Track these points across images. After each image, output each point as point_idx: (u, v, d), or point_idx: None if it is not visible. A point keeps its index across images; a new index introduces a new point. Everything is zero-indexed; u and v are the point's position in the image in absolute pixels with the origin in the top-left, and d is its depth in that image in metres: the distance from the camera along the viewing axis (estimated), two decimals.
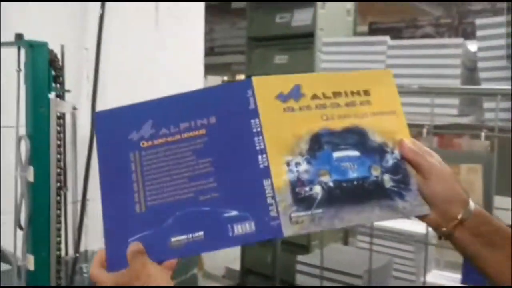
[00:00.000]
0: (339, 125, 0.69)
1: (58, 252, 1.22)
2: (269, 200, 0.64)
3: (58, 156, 1.16)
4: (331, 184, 0.66)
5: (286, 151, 0.67)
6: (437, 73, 1.73)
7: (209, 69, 2.68)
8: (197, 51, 1.98)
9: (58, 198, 1.18)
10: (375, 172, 0.68)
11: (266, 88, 0.69)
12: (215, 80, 4.68)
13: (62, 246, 1.27)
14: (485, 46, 1.65)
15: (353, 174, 0.67)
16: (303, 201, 0.65)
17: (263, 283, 2.78)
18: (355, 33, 2.73)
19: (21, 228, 1.18)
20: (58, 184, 1.17)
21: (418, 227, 1.78)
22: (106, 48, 1.61)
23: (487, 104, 1.61)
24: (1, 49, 1.27)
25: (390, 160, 0.69)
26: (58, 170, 1.16)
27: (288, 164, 0.66)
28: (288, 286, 1.97)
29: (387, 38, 1.87)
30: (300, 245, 2.46)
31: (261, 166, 0.66)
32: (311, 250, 2.43)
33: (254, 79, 0.69)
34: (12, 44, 1.14)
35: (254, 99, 0.68)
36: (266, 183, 0.65)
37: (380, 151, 0.70)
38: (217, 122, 0.68)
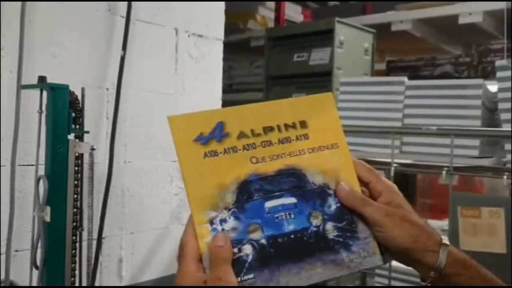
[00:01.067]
0: (272, 167, 0.59)
1: None
2: None
3: (75, 196, 1.18)
4: (263, 241, 0.56)
5: (208, 206, 0.56)
6: (456, 114, 1.70)
7: (228, 106, 2.68)
8: (216, 89, 2.01)
9: (74, 238, 1.18)
10: (316, 221, 0.59)
11: (183, 129, 0.58)
12: None
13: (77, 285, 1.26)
14: (505, 87, 1.62)
15: (289, 227, 0.58)
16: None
17: None
18: (373, 72, 2.74)
19: (36, 267, 1.18)
20: (74, 223, 1.18)
21: None
22: (126, 89, 1.64)
23: (508, 146, 1.58)
24: (25, 91, 1.31)
25: (332, 205, 0.60)
26: (75, 210, 1.17)
27: (211, 222, 0.56)
28: None
29: (405, 78, 1.87)
30: (315, 286, 2.40)
31: None
32: None
33: (170, 118, 0.58)
34: (35, 86, 1.17)
35: (175, 144, 0.57)
36: None
37: (322, 194, 0.60)
38: None
